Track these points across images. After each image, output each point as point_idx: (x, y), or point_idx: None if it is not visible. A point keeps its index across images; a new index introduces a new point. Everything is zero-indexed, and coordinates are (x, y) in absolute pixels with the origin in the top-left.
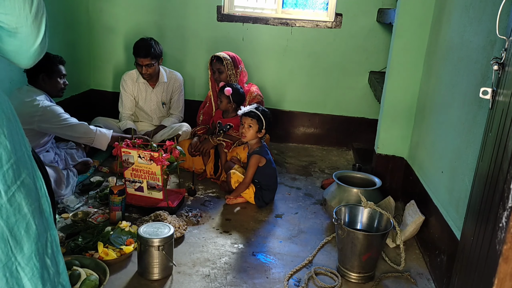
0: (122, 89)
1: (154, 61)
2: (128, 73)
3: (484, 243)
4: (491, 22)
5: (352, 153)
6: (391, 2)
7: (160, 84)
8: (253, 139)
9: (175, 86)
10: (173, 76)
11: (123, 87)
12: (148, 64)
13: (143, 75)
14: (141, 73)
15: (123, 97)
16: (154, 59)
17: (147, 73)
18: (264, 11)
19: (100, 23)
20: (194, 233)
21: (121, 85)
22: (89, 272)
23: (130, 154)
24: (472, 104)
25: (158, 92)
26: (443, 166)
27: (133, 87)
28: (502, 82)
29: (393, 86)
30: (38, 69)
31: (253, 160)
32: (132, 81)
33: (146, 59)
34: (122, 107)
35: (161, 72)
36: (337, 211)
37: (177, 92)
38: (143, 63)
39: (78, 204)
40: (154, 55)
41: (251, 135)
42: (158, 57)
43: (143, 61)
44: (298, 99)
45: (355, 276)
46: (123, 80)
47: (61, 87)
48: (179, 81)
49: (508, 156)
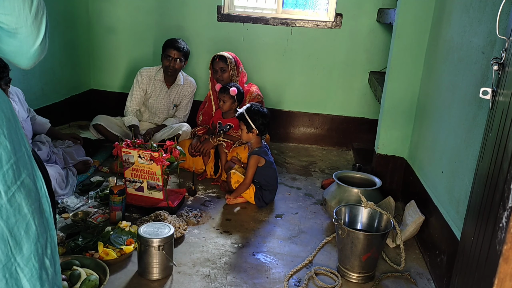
0: (136, 82)
1: (183, 59)
2: (146, 68)
3: (484, 243)
4: (491, 23)
5: (352, 153)
6: (391, 2)
7: (176, 86)
8: (251, 139)
9: (188, 91)
10: (188, 81)
11: (137, 80)
12: (178, 59)
13: (168, 68)
14: (167, 66)
15: (134, 90)
16: (183, 56)
17: (174, 67)
18: (264, 11)
19: (100, 23)
20: (194, 233)
21: (135, 78)
22: (89, 272)
23: (130, 154)
24: (472, 104)
25: (172, 93)
26: (443, 166)
27: (149, 83)
28: (502, 82)
29: (393, 86)
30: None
31: (252, 161)
32: (148, 77)
33: (178, 52)
34: (130, 101)
35: (179, 75)
36: (337, 211)
37: (188, 97)
38: (175, 55)
39: (78, 204)
40: (185, 52)
41: (245, 136)
42: (186, 56)
43: (175, 53)
44: (298, 99)
45: (355, 276)
46: (139, 74)
47: None
48: (193, 87)
49: (508, 156)
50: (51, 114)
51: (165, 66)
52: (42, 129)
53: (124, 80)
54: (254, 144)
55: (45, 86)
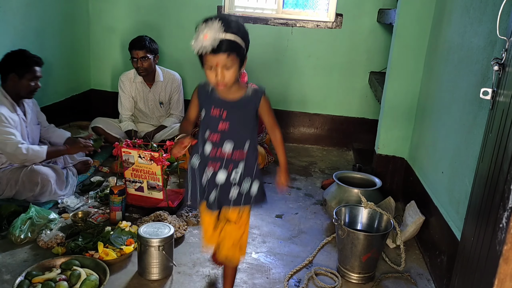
0: (120, 90)
1: (150, 55)
2: (125, 73)
3: (484, 244)
4: (492, 23)
5: (352, 153)
6: (392, 3)
7: (157, 83)
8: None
9: (173, 86)
10: (170, 75)
11: (121, 87)
12: (143, 57)
13: (138, 70)
14: (136, 68)
15: (121, 98)
16: (149, 53)
17: (143, 67)
18: (264, 11)
19: (100, 23)
20: (194, 233)
21: (119, 86)
22: (89, 272)
23: (131, 154)
24: (472, 105)
25: (155, 92)
26: (443, 166)
27: (131, 87)
28: (502, 83)
29: (393, 86)
30: (11, 67)
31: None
32: (129, 81)
33: (141, 51)
34: (122, 108)
35: (157, 72)
36: (337, 212)
37: (176, 92)
38: (138, 55)
39: (78, 204)
40: (149, 49)
41: (234, 77)
42: (153, 52)
43: (138, 53)
44: (299, 99)
45: (355, 277)
46: (120, 81)
47: (31, 89)
48: (178, 81)
49: (508, 157)
50: (51, 114)
51: (135, 68)
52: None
53: None
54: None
55: (45, 86)
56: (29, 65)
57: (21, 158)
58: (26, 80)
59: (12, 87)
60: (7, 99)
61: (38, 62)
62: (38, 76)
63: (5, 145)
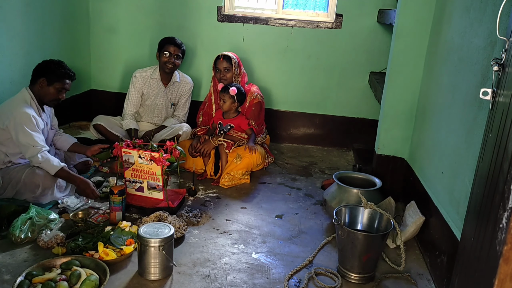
0: (132, 85)
1: (181, 56)
2: (141, 70)
3: (484, 244)
4: (492, 23)
5: (352, 153)
6: (392, 3)
7: (172, 84)
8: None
9: (185, 89)
10: (185, 79)
11: (133, 83)
12: (176, 55)
13: (166, 65)
14: (165, 62)
15: (130, 93)
16: (181, 53)
17: (174, 63)
18: (264, 12)
19: (100, 24)
20: (194, 233)
21: (131, 81)
22: (89, 272)
23: (131, 154)
24: (472, 105)
25: (169, 92)
26: (443, 166)
27: (144, 84)
28: (502, 83)
29: (393, 86)
30: (43, 72)
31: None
32: (143, 78)
33: (178, 49)
34: (128, 103)
35: (175, 73)
36: (338, 212)
37: (186, 95)
38: (175, 52)
39: (78, 204)
40: (183, 50)
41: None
42: (184, 54)
43: (175, 49)
44: (299, 99)
45: (355, 277)
46: (134, 76)
47: (55, 98)
48: (190, 84)
49: (508, 157)
50: None
51: (163, 62)
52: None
53: (124, 80)
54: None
55: None
56: (61, 75)
57: (34, 162)
58: (53, 88)
59: (38, 91)
60: (34, 101)
61: (71, 76)
62: (66, 88)
63: (27, 148)
